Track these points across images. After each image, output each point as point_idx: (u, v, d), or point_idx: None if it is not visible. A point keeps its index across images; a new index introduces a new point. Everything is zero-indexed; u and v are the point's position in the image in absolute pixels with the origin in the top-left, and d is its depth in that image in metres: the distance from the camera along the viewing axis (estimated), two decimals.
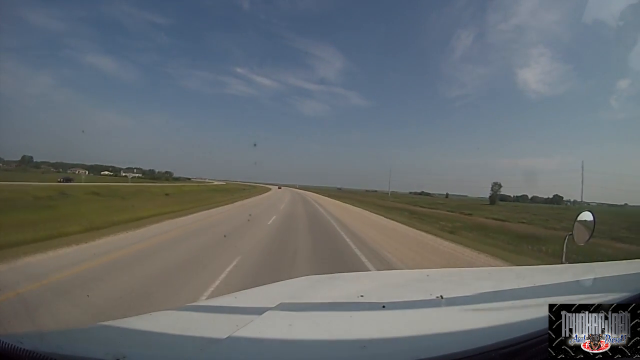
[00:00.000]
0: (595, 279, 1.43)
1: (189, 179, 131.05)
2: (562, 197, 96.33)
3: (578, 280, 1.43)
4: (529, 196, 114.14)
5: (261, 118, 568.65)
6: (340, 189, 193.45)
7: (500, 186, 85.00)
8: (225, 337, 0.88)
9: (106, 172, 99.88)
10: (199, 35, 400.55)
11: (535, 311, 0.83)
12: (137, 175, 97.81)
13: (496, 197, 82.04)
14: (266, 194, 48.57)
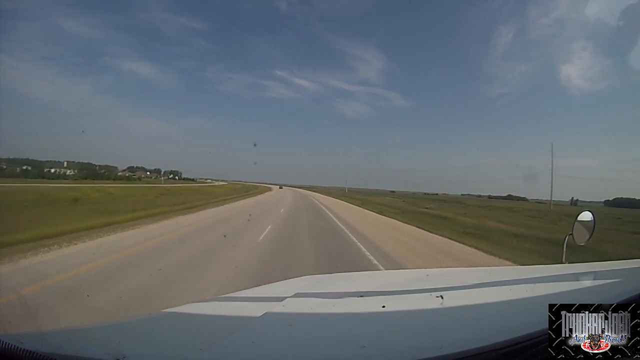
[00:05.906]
0: (595, 278, 1.43)
1: (194, 179, 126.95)
2: None
3: (578, 280, 1.43)
4: None
5: (302, 120, 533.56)
6: (393, 192, 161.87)
7: None
8: (225, 337, 0.88)
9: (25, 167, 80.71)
10: (237, 39, 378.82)
11: (535, 311, 0.83)
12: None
13: None
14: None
